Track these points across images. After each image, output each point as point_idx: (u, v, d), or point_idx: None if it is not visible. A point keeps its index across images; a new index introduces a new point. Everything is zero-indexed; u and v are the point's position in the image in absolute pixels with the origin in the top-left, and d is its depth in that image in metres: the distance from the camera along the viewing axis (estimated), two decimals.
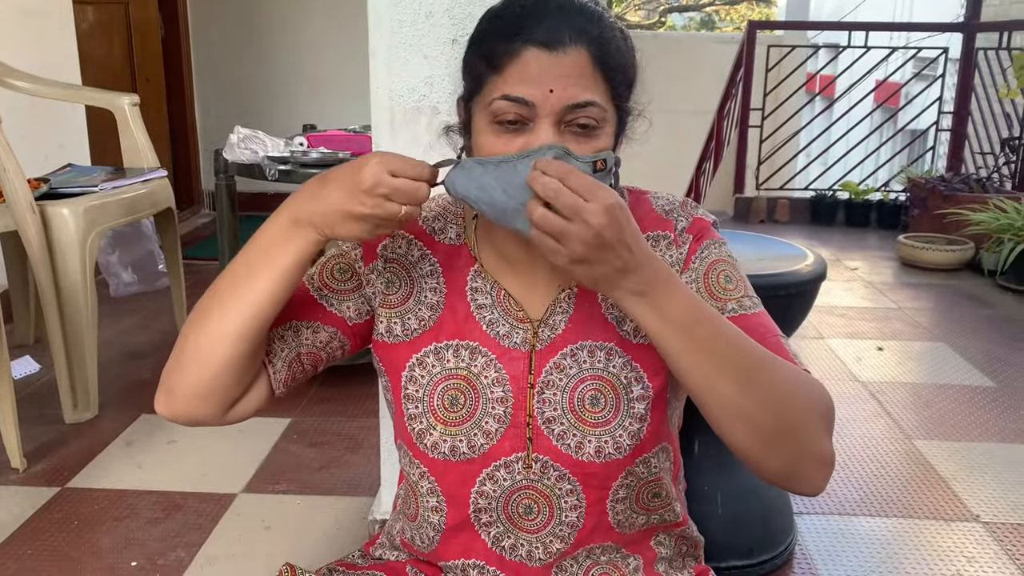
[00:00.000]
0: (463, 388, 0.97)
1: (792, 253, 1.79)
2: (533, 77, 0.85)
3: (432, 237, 1.02)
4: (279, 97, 5.14)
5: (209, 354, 0.89)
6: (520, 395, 0.96)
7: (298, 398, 2.60)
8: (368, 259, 1.00)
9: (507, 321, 0.97)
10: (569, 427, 0.95)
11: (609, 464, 0.95)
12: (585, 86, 0.86)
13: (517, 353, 0.97)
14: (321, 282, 1.00)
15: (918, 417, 2.57)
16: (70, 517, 1.96)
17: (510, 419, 0.96)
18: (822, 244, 4.73)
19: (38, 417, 2.41)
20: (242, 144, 2.51)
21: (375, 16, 1.53)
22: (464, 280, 0.99)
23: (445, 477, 0.98)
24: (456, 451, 0.96)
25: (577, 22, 0.86)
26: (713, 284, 0.96)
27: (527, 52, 0.85)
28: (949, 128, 5.28)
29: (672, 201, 1.02)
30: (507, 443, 0.96)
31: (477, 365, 0.97)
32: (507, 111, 0.86)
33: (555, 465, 0.96)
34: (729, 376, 0.83)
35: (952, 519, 2.02)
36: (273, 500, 2.05)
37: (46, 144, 3.33)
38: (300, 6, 5.07)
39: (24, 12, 3.29)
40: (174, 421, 0.94)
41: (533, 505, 0.98)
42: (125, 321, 3.26)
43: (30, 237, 2.26)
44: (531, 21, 0.86)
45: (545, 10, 0.87)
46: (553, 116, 0.85)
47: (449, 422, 0.96)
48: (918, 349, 3.20)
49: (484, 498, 0.98)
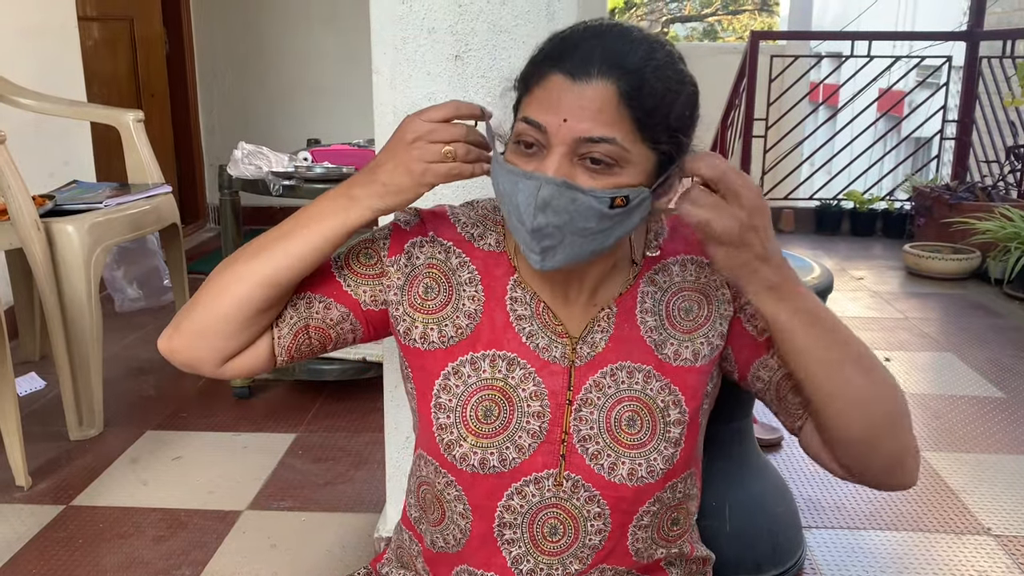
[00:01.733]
0: (498, 399, 0.95)
1: (797, 265, 1.78)
2: (552, 104, 0.85)
3: (471, 243, 1.01)
4: (283, 112, 5.16)
5: (226, 290, 0.92)
6: (558, 410, 0.95)
7: (303, 413, 2.60)
8: (393, 251, 1.00)
9: (546, 334, 0.96)
10: (604, 447, 0.94)
11: (640, 488, 0.94)
12: (603, 121, 0.83)
13: (557, 367, 0.96)
14: (345, 262, 1.01)
15: (927, 429, 2.56)
16: (75, 536, 1.95)
17: (545, 434, 0.95)
18: (827, 254, 4.72)
19: (43, 434, 2.41)
20: (246, 160, 2.52)
21: (378, 32, 1.53)
22: (504, 289, 0.98)
23: (473, 489, 0.97)
24: (486, 464, 0.95)
25: (611, 55, 0.84)
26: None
27: (552, 78, 0.85)
28: (954, 137, 5.27)
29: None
30: (539, 459, 0.95)
31: (515, 377, 0.96)
32: (526, 133, 0.86)
33: (586, 485, 0.95)
34: (853, 364, 0.88)
35: (963, 532, 2.00)
36: (278, 517, 2.04)
37: (51, 161, 3.34)
38: (304, 21, 5.09)
39: (29, 30, 3.30)
40: (171, 359, 0.97)
41: (559, 525, 0.96)
42: (130, 336, 3.26)
43: (35, 254, 2.26)
44: (566, 47, 0.86)
45: (584, 38, 0.87)
46: (564, 147, 0.84)
47: (481, 434, 0.95)
48: (925, 359, 3.18)
49: (511, 513, 0.96)
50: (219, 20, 5.09)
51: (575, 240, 0.86)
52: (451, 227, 1.01)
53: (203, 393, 2.76)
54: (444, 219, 1.02)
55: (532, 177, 0.84)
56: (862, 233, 5.15)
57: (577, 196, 0.84)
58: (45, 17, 3.41)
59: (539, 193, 0.84)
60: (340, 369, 2.54)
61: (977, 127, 5.09)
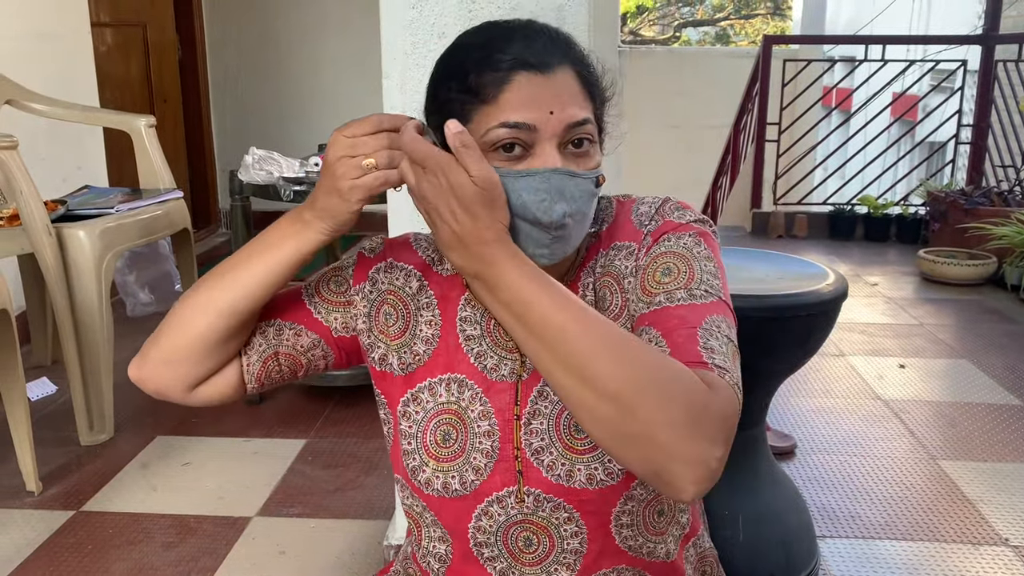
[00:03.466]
0: (454, 423, 0.95)
1: (812, 272, 1.76)
2: (530, 101, 0.84)
3: (431, 267, 1.00)
4: (294, 117, 5.17)
5: (188, 322, 0.92)
6: (507, 427, 0.94)
7: (313, 419, 2.59)
8: (357, 279, 1.00)
9: (495, 352, 0.96)
10: (558, 456, 0.93)
11: (603, 491, 0.93)
12: (579, 104, 0.86)
13: (504, 384, 0.95)
14: (315, 289, 1.01)
15: (942, 436, 2.53)
16: (84, 542, 1.95)
17: (498, 453, 0.94)
18: (841, 259, 4.69)
19: (54, 439, 2.41)
20: (257, 165, 2.52)
21: (388, 37, 1.53)
22: (455, 311, 0.98)
23: (442, 513, 0.97)
24: (448, 487, 0.95)
25: (558, 44, 0.88)
26: (649, 279, 0.90)
27: (518, 77, 0.84)
28: (969, 141, 5.23)
29: (652, 207, 0.96)
30: (497, 478, 0.94)
31: (465, 399, 0.95)
32: (505, 138, 0.84)
33: (548, 496, 0.93)
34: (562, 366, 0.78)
35: (980, 543, 1.97)
36: (288, 524, 2.03)
37: (64, 166, 3.35)
38: (315, 27, 5.10)
39: (42, 35, 3.32)
40: (141, 386, 0.97)
41: (532, 537, 0.95)
42: (141, 341, 3.25)
43: (47, 259, 2.27)
44: (516, 46, 0.85)
45: (524, 35, 0.87)
46: (555, 138, 0.85)
47: (441, 458, 0.95)
48: (941, 366, 3.15)
49: (482, 533, 0.96)
50: (231, 26, 5.11)
51: (578, 227, 0.88)
52: (412, 252, 1.01)
53: None
54: (406, 245, 1.02)
55: (536, 173, 0.84)
56: (876, 238, 5.11)
57: (579, 181, 0.85)
58: (59, 23, 3.43)
59: (552, 185, 0.83)
60: (350, 375, 2.54)
61: (993, 131, 5.05)
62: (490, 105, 0.85)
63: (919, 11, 8.63)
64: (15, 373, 2.06)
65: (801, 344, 1.68)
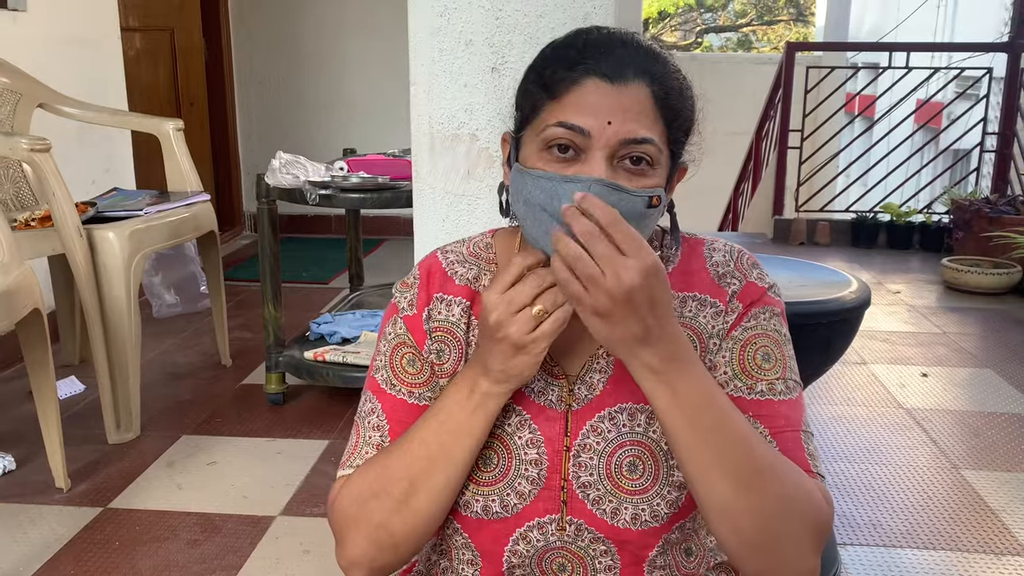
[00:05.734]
0: (496, 447, 0.93)
1: (835, 279, 1.77)
2: (592, 107, 0.83)
3: (468, 287, 0.98)
4: (320, 121, 5.22)
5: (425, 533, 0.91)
6: (555, 457, 0.93)
7: (336, 419, 2.62)
8: (419, 342, 0.96)
9: (542, 376, 0.94)
10: (605, 493, 0.92)
11: (646, 532, 0.92)
12: (644, 123, 0.83)
13: (553, 413, 0.93)
14: (407, 388, 0.96)
15: (965, 446, 2.51)
16: (111, 538, 1.98)
17: (544, 481, 0.93)
18: (863, 267, 4.66)
19: (82, 437, 2.45)
20: (284, 169, 2.55)
21: (415, 44, 1.55)
22: None
23: (478, 535, 0.95)
24: (489, 511, 0.93)
25: (641, 59, 0.85)
26: (748, 360, 0.92)
27: (588, 81, 0.83)
28: (994, 149, 5.18)
29: (728, 258, 0.96)
30: (541, 504, 0.93)
31: (511, 424, 0.93)
32: (561, 137, 0.83)
33: (589, 528, 0.93)
34: (724, 473, 0.81)
35: (1002, 553, 1.96)
36: (311, 523, 2.05)
37: (93, 168, 3.41)
38: (341, 33, 5.15)
39: (74, 40, 3.38)
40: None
41: (567, 564, 0.95)
42: (167, 342, 3.31)
43: (77, 260, 2.31)
44: (595, 52, 0.85)
45: (610, 44, 0.86)
46: (608, 149, 0.83)
47: (482, 482, 0.93)
48: (964, 375, 3.13)
49: (517, 556, 0.95)
50: (258, 31, 5.17)
51: None
52: (449, 280, 0.98)
53: (237, 399, 2.79)
54: (440, 273, 0.99)
55: (578, 180, 0.82)
56: (899, 246, 5.08)
57: (623, 196, 0.83)
58: (89, 28, 3.49)
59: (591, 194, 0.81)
60: None
61: (1019, 139, 5.01)
62: (556, 102, 0.84)
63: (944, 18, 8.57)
64: (46, 371, 2.10)
65: (823, 351, 1.69)
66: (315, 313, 3.35)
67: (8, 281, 1.94)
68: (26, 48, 3.05)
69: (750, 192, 5.97)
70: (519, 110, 0.91)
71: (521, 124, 0.90)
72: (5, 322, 1.93)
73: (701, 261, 0.96)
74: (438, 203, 1.63)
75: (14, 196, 2.74)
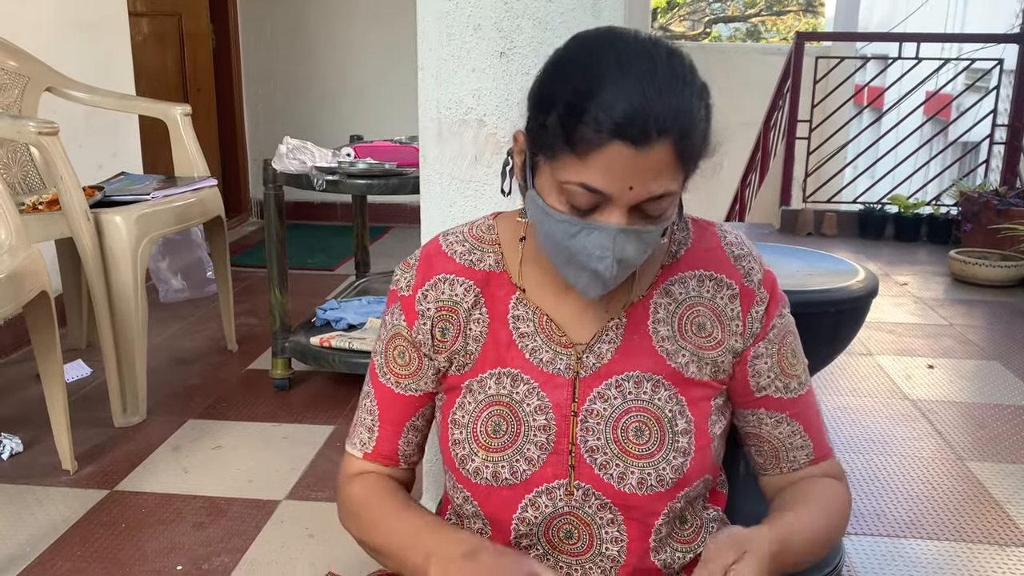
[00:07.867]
0: (505, 415, 0.97)
1: (843, 268, 1.76)
2: (616, 173, 0.82)
3: (472, 269, 1.01)
4: (327, 107, 5.21)
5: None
6: (563, 422, 0.96)
7: (342, 404, 2.62)
8: (411, 322, 1.01)
9: (550, 347, 0.98)
10: (612, 457, 0.95)
11: (651, 497, 0.95)
12: (664, 180, 0.83)
13: (560, 380, 0.97)
14: (395, 378, 1.04)
15: (970, 437, 2.51)
16: (118, 520, 1.99)
17: (552, 446, 0.96)
18: (871, 258, 4.65)
19: (89, 420, 2.46)
20: (291, 154, 2.55)
21: (424, 29, 1.55)
22: (506, 308, 0.99)
23: (488, 502, 0.98)
24: (498, 477, 0.96)
25: (668, 110, 0.81)
26: (785, 359, 1.01)
27: (614, 146, 0.81)
28: (1003, 141, 5.16)
29: (741, 244, 1.01)
30: (549, 470, 0.96)
31: (519, 392, 0.97)
32: (582, 198, 0.85)
33: (596, 493, 0.95)
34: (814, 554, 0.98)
35: (1007, 544, 1.96)
36: (316, 507, 2.06)
37: (100, 153, 3.41)
38: (349, 18, 5.13)
39: (82, 24, 3.38)
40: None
41: (574, 531, 0.97)
42: (174, 327, 3.32)
43: (84, 244, 2.31)
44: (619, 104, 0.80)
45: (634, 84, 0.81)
46: (627, 206, 0.85)
47: (491, 448, 0.97)
48: (970, 367, 3.12)
49: (525, 524, 0.97)
50: (265, 16, 5.16)
51: (632, 267, 0.90)
52: (450, 260, 1.02)
53: (243, 383, 2.80)
54: (441, 255, 1.02)
55: (602, 228, 0.85)
56: (906, 238, 5.06)
57: (644, 237, 0.87)
58: (97, 12, 3.48)
59: (616, 244, 0.85)
60: None
61: None
62: (578, 159, 0.83)
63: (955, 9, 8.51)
64: (54, 354, 2.11)
65: (830, 341, 1.68)
66: (321, 299, 3.36)
67: (15, 264, 1.94)
68: (34, 32, 3.05)
69: (757, 182, 5.96)
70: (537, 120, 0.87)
71: (536, 148, 0.88)
72: (12, 304, 1.93)
73: (716, 240, 1.01)
74: (445, 189, 1.63)
75: (22, 179, 2.75)
